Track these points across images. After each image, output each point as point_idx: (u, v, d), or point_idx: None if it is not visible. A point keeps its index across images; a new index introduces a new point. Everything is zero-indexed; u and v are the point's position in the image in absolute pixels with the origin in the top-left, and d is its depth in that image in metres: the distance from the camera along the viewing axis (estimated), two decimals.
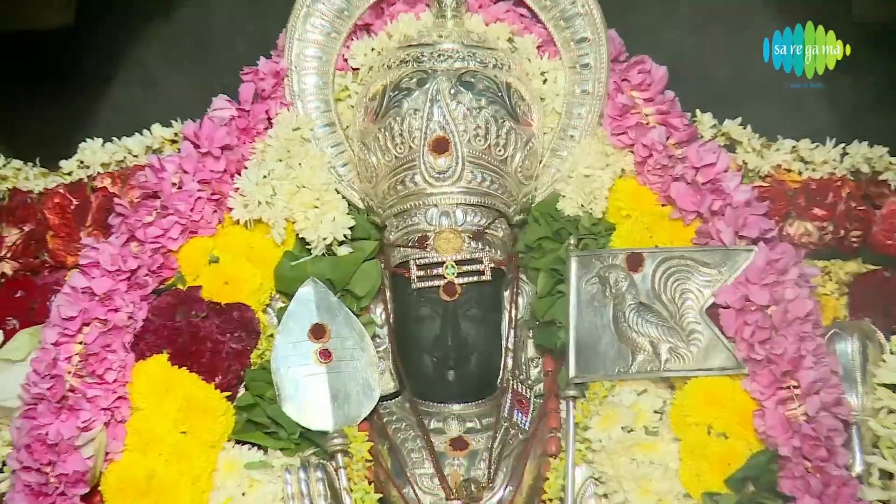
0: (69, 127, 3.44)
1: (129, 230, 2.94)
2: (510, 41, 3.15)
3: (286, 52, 3.11)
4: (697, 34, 3.51)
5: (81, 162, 3.29)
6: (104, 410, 2.78)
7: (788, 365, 2.77)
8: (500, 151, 2.97)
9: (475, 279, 2.94)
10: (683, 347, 2.86)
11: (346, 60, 3.16)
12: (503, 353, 3.04)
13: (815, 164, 3.27)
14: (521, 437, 2.98)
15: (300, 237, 3.00)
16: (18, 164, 3.32)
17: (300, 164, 3.02)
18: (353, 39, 3.16)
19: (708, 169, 2.94)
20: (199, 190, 2.97)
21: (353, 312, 2.98)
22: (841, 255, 3.27)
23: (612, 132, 3.06)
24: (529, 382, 3.04)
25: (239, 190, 3.00)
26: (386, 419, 3.00)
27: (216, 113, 3.06)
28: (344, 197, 3.05)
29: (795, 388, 2.77)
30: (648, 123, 3.03)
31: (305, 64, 3.12)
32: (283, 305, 2.98)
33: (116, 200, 3.04)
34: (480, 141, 2.95)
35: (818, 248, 3.24)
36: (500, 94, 2.98)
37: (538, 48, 3.15)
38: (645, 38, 3.25)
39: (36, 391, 2.75)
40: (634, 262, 2.91)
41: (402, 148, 2.96)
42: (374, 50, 3.15)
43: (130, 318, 2.87)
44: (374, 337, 3.01)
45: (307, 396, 2.90)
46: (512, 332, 3.04)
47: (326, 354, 2.92)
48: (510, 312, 3.04)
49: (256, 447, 2.86)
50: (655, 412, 2.87)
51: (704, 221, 2.93)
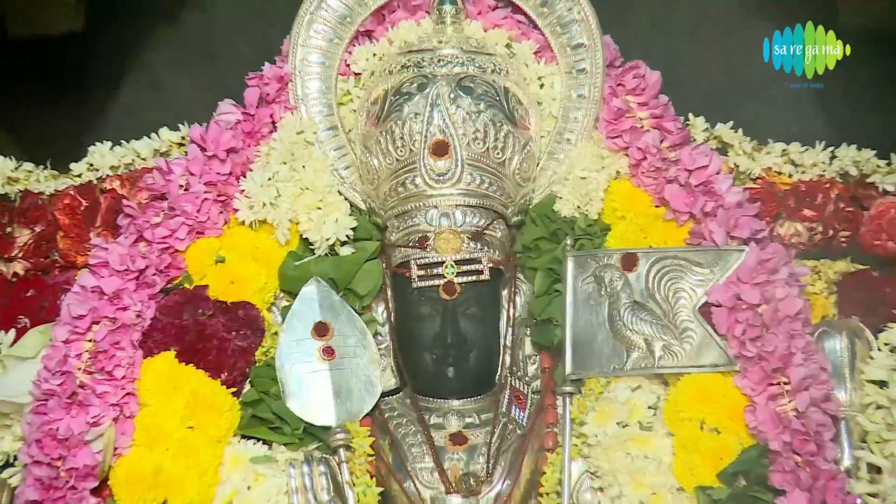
0: (79, 130, 3.44)
1: (137, 231, 2.94)
2: (508, 47, 3.15)
3: (290, 57, 3.11)
4: (690, 40, 3.51)
5: (91, 164, 3.29)
6: (113, 406, 2.78)
7: (779, 362, 2.77)
8: (498, 154, 2.97)
9: (474, 278, 2.94)
10: (677, 345, 2.86)
11: (348, 65, 3.16)
12: (501, 350, 3.04)
13: (804, 166, 3.27)
14: (518, 432, 2.98)
15: (304, 238, 3.00)
16: (30, 166, 3.31)
17: (304, 166, 3.02)
18: (355, 45, 3.16)
19: (700, 171, 2.95)
20: (205, 192, 2.97)
21: (355, 311, 2.99)
22: (830, 255, 3.26)
23: (607, 135, 3.06)
24: (527, 379, 3.04)
25: (244, 192, 3.00)
26: (387, 415, 2.99)
27: (222, 117, 3.06)
28: (346, 198, 3.06)
29: (786, 384, 2.77)
30: (643, 127, 3.03)
31: (309, 69, 3.12)
32: (287, 304, 2.98)
33: (125, 202, 3.05)
34: (479, 144, 2.95)
35: (808, 248, 3.24)
36: (498, 98, 2.98)
37: (535, 53, 3.15)
38: (639, 43, 3.26)
39: (47, 387, 2.75)
40: (629, 261, 2.91)
41: (402, 151, 2.96)
42: (375, 55, 3.15)
43: (139, 316, 2.87)
44: (375, 335, 3.01)
45: (311, 393, 2.90)
46: (510, 329, 3.04)
47: (329, 352, 2.92)
48: (508, 311, 3.04)
49: (261, 442, 2.87)
50: (649, 408, 2.87)
51: (697, 222, 2.93)
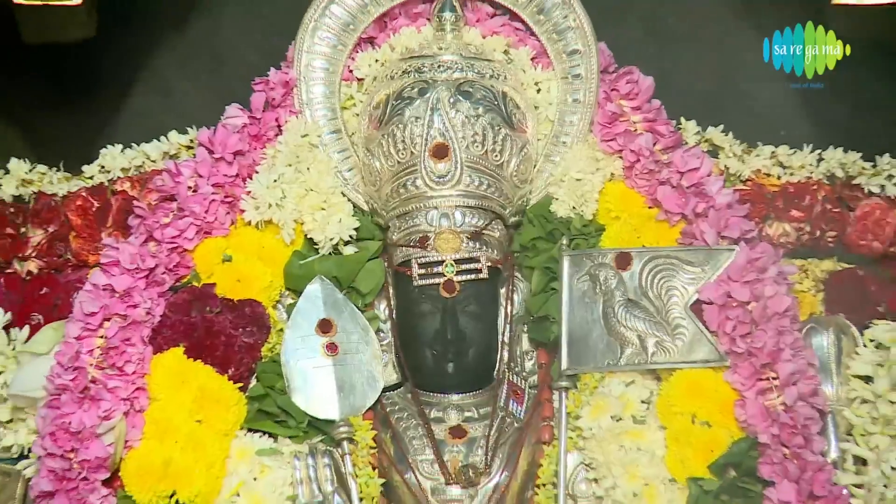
0: (91, 134, 3.43)
1: (147, 231, 2.94)
2: (506, 53, 3.15)
3: (295, 63, 3.11)
4: (682, 47, 3.51)
5: (102, 167, 3.29)
6: (124, 400, 2.79)
7: (768, 357, 2.77)
8: (496, 157, 2.97)
9: (473, 277, 2.94)
10: (669, 341, 2.86)
11: (351, 71, 3.16)
12: (499, 346, 3.04)
13: (792, 168, 3.27)
14: (516, 425, 2.98)
15: (308, 237, 3.00)
16: (43, 168, 3.31)
17: (308, 168, 3.02)
18: (357, 51, 3.15)
19: (692, 173, 2.95)
20: (213, 193, 2.97)
21: (358, 308, 2.98)
22: (817, 254, 3.27)
23: (601, 139, 3.06)
24: (524, 374, 3.04)
25: (251, 193, 3.00)
26: (389, 409, 2.99)
27: (229, 120, 3.06)
28: (349, 200, 3.05)
29: (774, 379, 2.77)
30: (636, 130, 3.03)
31: (313, 74, 3.12)
32: (292, 302, 2.98)
33: (135, 203, 3.05)
34: (478, 147, 2.95)
35: (796, 247, 3.24)
36: (496, 102, 2.98)
37: (532, 60, 3.14)
38: (632, 50, 3.25)
39: (60, 382, 2.76)
40: (623, 261, 2.91)
41: (404, 153, 2.96)
42: (377, 61, 3.15)
43: (148, 313, 2.87)
44: (377, 331, 3.01)
45: (315, 387, 2.90)
46: (508, 326, 3.04)
47: (333, 348, 2.92)
48: (506, 308, 3.04)
49: (267, 435, 2.87)
50: (643, 402, 2.87)
51: (689, 223, 2.93)
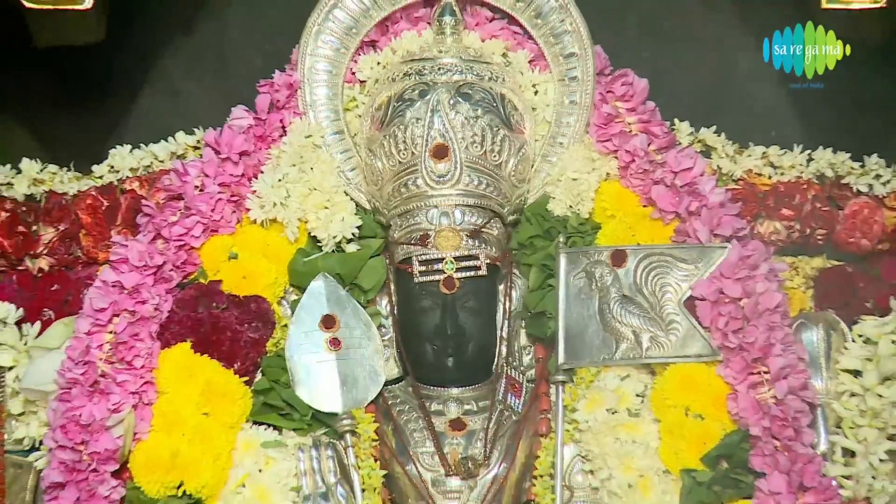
0: (100, 134, 3.43)
1: (155, 229, 2.94)
2: (504, 56, 3.15)
3: (299, 65, 3.10)
4: (675, 50, 3.50)
5: (112, 167, 3.28)
6: (132, 394, 2.79)
7: (759, 352, 2.77)
8: (495, 157, 2.97)
9: (472, 274, 2.94)
10: (663, 336, 2.86)
11: (353, 74, 3.15)
12: (498, 341, 3.03)
13: (783, 168, 3.27)
14: (514, 418, 2.98)
15: (312, 235, 3.00)
16: (54, 168, 3.31)
17: (312, 168, 3.02)
18: (360, 54, 3.15)
19: (685, 173, 2.95)
20: (219, 192, 2.97)
21: (360, 304, 2.99)
22: (807, 251, 3.27)
23: (597, 139, 3.06)
24: (522, 368, 3.04)
25: (256, 192, 3.00)
26: (390, 402, 3.00)
27: (235, 122, 3.06)
28: (352, 198, 3.05)
29: (765, 373, 2.77)
30: (631, 131, 3.03)
31: (317, 77, 3.12)
32: (296, 298, 2.98)
33: (144, 202, 3.04)
34: (477, 147, 2.95)
35: (786, 245, 3.24)
36: (495, 104, 2.98)
37: (530, 62, 3.14)
38: (628, 53, 3.25)
39: (70, 376, 2.76)
40: (618, 258, 2.91)
41: (405, 154, 2.96)
42: (379, 64, 3.14)
43: (157, 309, 2.87)
44: (379, 327, 3.01)
45: (318, 381, 2.90)
46: (506, 322, 3.04)
47: (336, 343, 2.92)
48: (504, 304, 3.04)
49: (272, 428, 2.87)
50: (637, 395, 2.88)
51: (682, 221, 2.93)
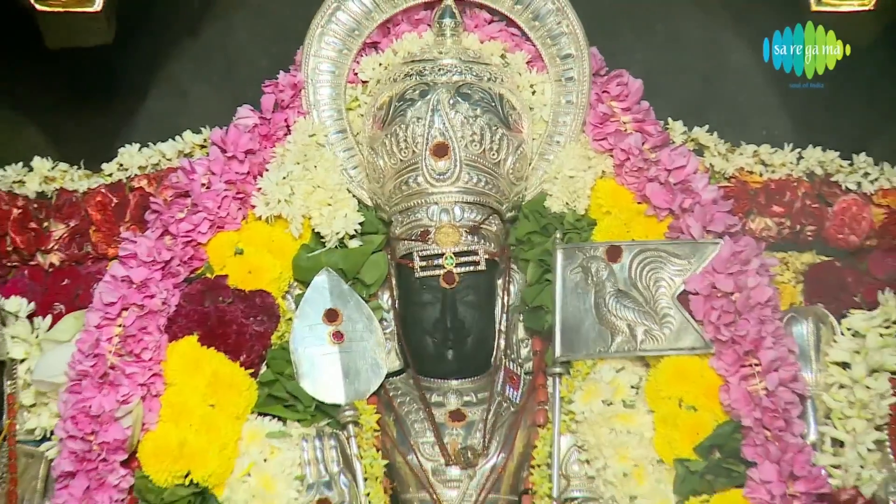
0: (110, 134, 3.43)
1: (163, 225, 2.93)
2: (503, 57, 3.14)
3: (303, 66, 3.10)
4: (669, 51, 3.50)
5: (121, 165, 3.29)
6: (141, 386, 2.79)
7: (750, 345, 2.77)
8: (493, 155, 2.96)
9: (471, 269, 2.93)
10: (657, 329, 2.85)
11: (356, 74, 3.15)
12: (496, 334, 3.03)
13: (774, 166, 3.27)
14: (512, 409, 2.97)
15: (315, 232, 3.00)
16: (65, 166, 3.31)
17: (315, 166, 3.01)
18: (362, 56, 3.15)
19: (679, 171, 2.94)
20: (225, 189, 2.97)
21: (362, 298, 2.98)
22: (797, 247, 3.27)
23: (593, 138, 3.05)
24: (520, 361, 3.04)
25: (261, 189, 3.00)
26: (392, 394, 2.99)
27: (241, 121, 3.06)
28: (355, 196, 3.05)
29: (757, 365, 2.77)
30: (626, 130, 3.03)
31: (320, 77, 3.11)
32: (300, 292, 2.98)
33: (152, 199, 3.04)
34: (476, 146, 2.95)
35: (777, 241, 3.24)
36: (493, 104, 2.97)
37: (528, 63, 3.14)
38: (623, 54, 3.25)
39: (80, 368, 2.76)
40: (613, 253, 2.91)
41: (406, 152, 2.95)
42: (381, 65, 3.14)
43: (164, 303, 2.87)
44: (381, 320, 3.00)
45: (322, 373, 2.90)
46: (504, 316, 3.03)
47: (339, 336, 2.92)
48: (503, 298, 3.04)
49: (277, 418, 2.87)
50: (632, 387, 2.87)
51: (676, 217, 2.93)
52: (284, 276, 2.97)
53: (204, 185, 2.97)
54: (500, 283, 3.04)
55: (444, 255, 2.92)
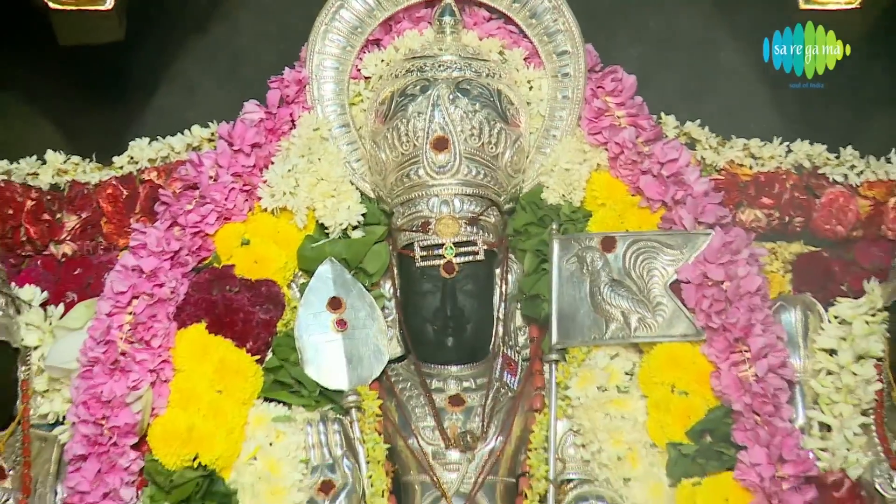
0: (120, 128, 3.43)
1: (172, 217, 2.93)
2: (501, 54, 3.14)
3: (307, 63, 3.09)
4: (662, 48, 3.50)
5: (131, 158, 3.28)
6: (151, 372, 2.78)
7: (740, 332, 2.77)
8: (492, 149, 2.96)
9: (470, 259, 2.93)
10: (650, 317, 2.85)
11: (359, 70, 3.15)
12: (495, 322, 3.02)
13: (763, 159, 3.27)
14: (510, 395, 2.97)
15: (319, 223, 2.99)
16: (77, 159, 3.31)
17: (320, 159, 3.01)
18: (365, 52, 3.14)
19: (671, 164, 2.94)
20: (232, 182, 2.97)
21: (365, 287, 2.98)
22: (786, 238, 3.27)
23: (588, 132, 3.05)
24: (517, 348, 3.04)
25: (267, 182, 2.99)
26: (393, 379, 2.99)
27: (247, 115, 3.05)
28: (357, 188, 3.05)
29: (746, 352, 2.77)
30: (620, 124, 3.02)
31: (324, 73, 3.11)
32: (304, 281, 2.97)
33: (161, 191, 3.05)
34: (475, 140, 2.94)
35: (766, 231, 3.24)
36: (492, 99, 2.97)
37: (525, 60, 3.13)
38: (617, 51, 3.25)
39: (92, 355, 2.76)
40: (608, 244, 2.91)
41: (407, 146, 2.95)
42: (383, 61, 3.14)
43: (173, 292, 2.87)
44: (383, 308, 3.00)
45: (326, 360, 2.90)
46: (502, 304, 3.03)
47: (342, 323, 2.92)
48: (501, 287, 3.03)
49: (282, 404, 2.87)
50: (626, 373, 2.87)
51: (668, 209, 2.93)
52: (289, 265, 2.97)
53: (211, 177, 2.97)
54: (498, 272, 3.04)
55: (444, 245, 2.92)
